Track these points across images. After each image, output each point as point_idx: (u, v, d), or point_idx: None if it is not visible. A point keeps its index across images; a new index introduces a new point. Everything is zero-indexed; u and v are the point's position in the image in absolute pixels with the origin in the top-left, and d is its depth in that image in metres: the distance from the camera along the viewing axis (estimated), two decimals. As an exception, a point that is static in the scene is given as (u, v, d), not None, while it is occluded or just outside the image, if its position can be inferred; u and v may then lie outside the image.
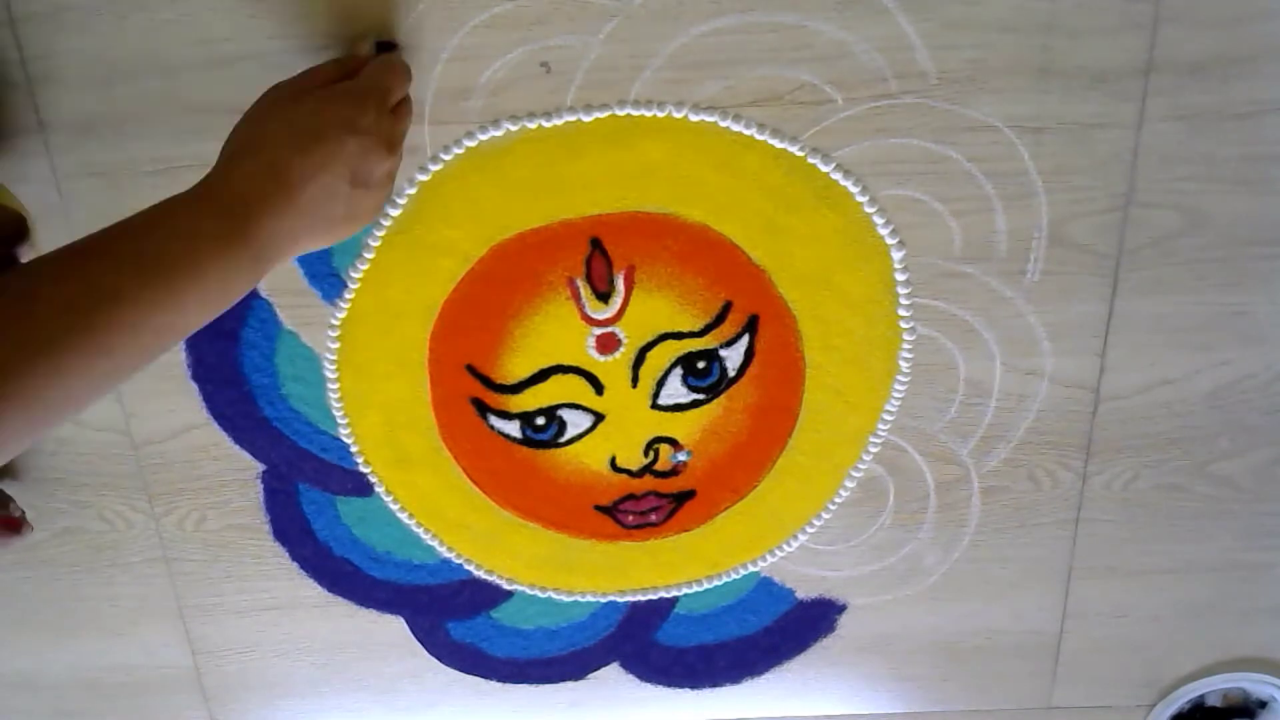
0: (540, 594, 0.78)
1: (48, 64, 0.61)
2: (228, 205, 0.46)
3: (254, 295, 0.67)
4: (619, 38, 0.59)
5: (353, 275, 0.66)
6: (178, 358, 0.69)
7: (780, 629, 0.79)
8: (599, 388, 0.69)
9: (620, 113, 0.61)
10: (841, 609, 0.78)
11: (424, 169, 0.63)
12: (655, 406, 0.70)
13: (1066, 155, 0.62)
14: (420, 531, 0.75)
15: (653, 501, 0.73)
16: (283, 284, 0.67)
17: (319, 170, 0.48)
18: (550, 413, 0.70)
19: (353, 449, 0.72)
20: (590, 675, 0.82)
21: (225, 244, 0.45)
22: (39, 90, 0.61)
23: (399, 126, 0.55)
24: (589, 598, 0.78)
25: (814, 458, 0.72)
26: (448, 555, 0.76)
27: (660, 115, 0.61)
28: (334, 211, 0.50)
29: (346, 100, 0.51)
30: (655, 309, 0.67)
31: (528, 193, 0.64)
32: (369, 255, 0.65)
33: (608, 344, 0.68)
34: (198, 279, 0.43)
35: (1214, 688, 0.81)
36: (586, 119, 0.62)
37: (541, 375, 0.69)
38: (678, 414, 0.70)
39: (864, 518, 0.74)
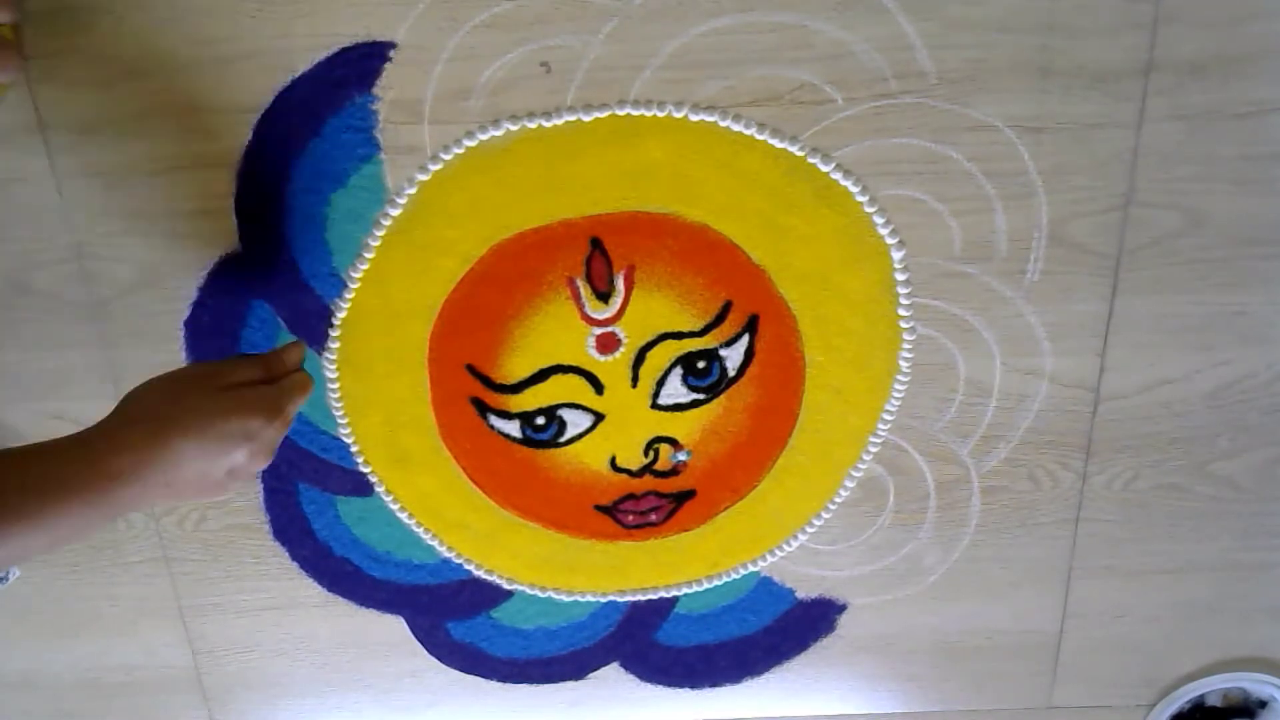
0: (540, 594, 0.78)
1: (48, 64, 0.61)
2: (101, 466, 0.49)
3: (253, 295, 0.67)
4: (619, 38, 0.59)
5: (353, 275, 0.66)
6: (178, 358, 0.69)
7: (780, 629, 0.79)
8: (599, 387, 0.69)
9: (620, 113, 0.61)
10: (841, 609, 0.78)
11: (424, 169, 0.63)
12: (655, 406, 0.70)
13: (1066, 155, 0.62)
14: (420, 531, 0.75)
15: (653, 501, 0.73)
16: (283, 284, 0.67)
17: (204, 459, 0.52)
18: (550, 412, 0.70)
19: (353, 449, 0.72)
20: (590, 675, 0.82)
21: (82, 501, 0.48)
22: (39, 90, 0.61)
23: (283, 435, 0.57)
24: (589, 598, 0.78)
25: (814, 458, 0.72)
26: (448, 555, 0.76)
27: (660, 115, 0.61)
28: (196, 489, 0.53)
29: (258, 411, 0.54)
30: (655, 309, 0.67)
31: (528, 193, 0.64)
32: (369, 255, 0.65)
33: (608, 344, 0.68)
34: (43, 526, 0.47)
35: (1214, 688, 0.81)
36: (586, 119, 0.62)
37: (541, 375, 0.69)
38: (678, 414, 0.70)
39: (864, 518, 0.74)
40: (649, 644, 0.80)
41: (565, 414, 0.70)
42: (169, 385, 0.54)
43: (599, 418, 0.70)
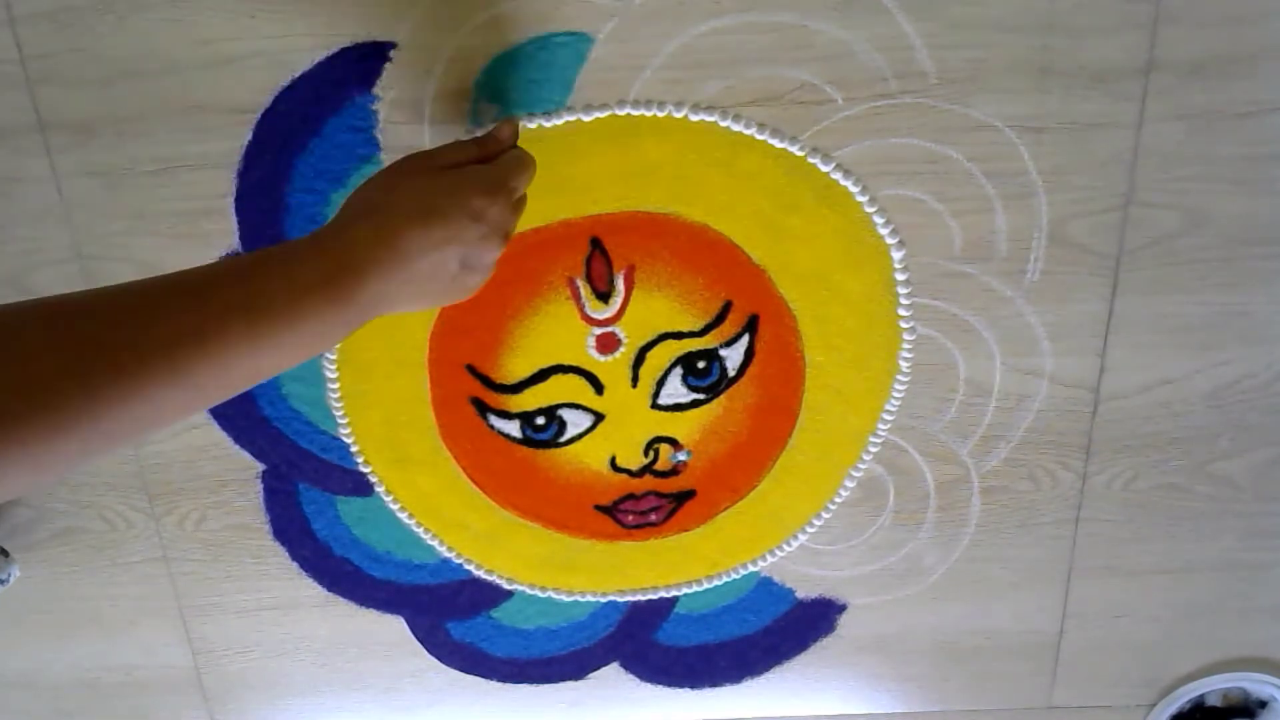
0: (540, 594, 0.78)
1: (48, 64, 0.61)
2: (339, 264, 0.46)
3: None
4: (619, 38, 0.59)
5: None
6: (178, 358, 0.69)
7: (780, 629, 0.79)
8: (599, 387, 0.69)
9: (620, 113, 0.61)
10: (841, 609, 0.78)
11: (424, 169, 0.63)
12: (655, 406, 0.70)
13: (1066, 155, 0.62)
14: (420, 531, 0.75)
15: (653, 501, 0.73)
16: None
17: (435, 249, 0.49)
18: (550, 412, 0.70)
19: (353, 449, 0.72)
20: (590, 675, 0.82)
21: (328, 301, 0.45)
22: (39, 90, 0.61)
23: (515, 220, 0.55)
24: (589, 598, 0.78)
25: (814, 458, 0.72)
26: (448, 555, 0.76)
27: (660, 115, 0.61)
28: (435, 287, 0.51)
29: (481, 188, 0.52)
30: (655, 309, 0.67)
31: (528, 193, 0.63)
32: (369, 255, 0.65)
33: (608, 344, 0.68)
34: (295, 329, 0.44)
35: (1214, 688, 0.81)
36: (586, 119, 0.62)
37: (541, 375, 0.69)
38: (678, 414, 0.70)
39: (864, 518, 0.74)
40: (649, 644, 0.80)
41: (565, 414, 0.70)
42: (384, 178, 0.52)
43: (599, 418, 0.70)
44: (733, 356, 0.68)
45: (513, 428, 0.71)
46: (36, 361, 0.37)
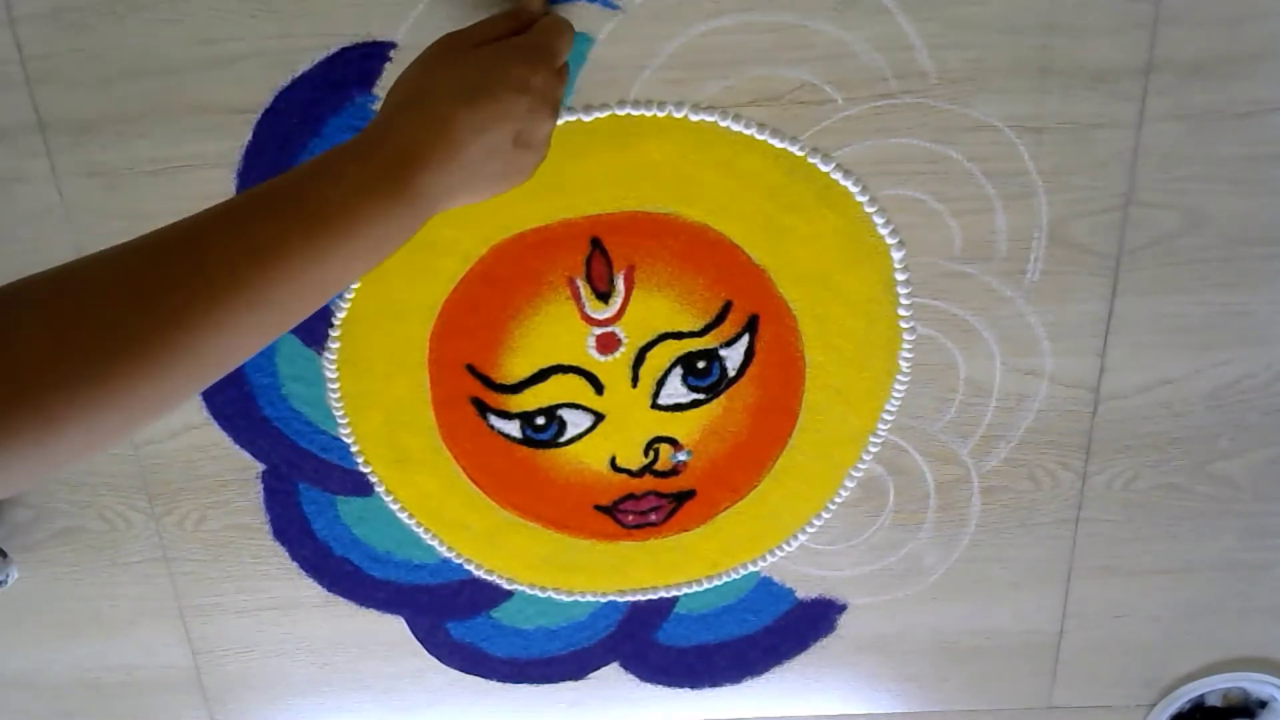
0: (540, 594, 0.78)
1: (48, 64, 0.61)
2: (391, 157, 0.45)
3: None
4: (619, 38, 0.59)
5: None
6: (178, 358, 0.69)
7: (780, 629, 0.79)
8: (599, 387, 0.69)
9: (620, 113, 0.61)
10: (841, 609, 0.78)
11: (424, 169, 0.63)
12: (655, 406, 0.70)
13: (1066, 155, 0.62)
14: (420, 531, 0.75)
15: (653, 501, 0.73)
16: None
17: (486, 127, 0.48)
18: (550, 412, 0.70)
19: (353, 449, 0.72)
20: (590, 675, 0.82)
21: (386, 197, 0.44)
22: (39, 90, 0.61)
23: (561, 87, 0.54)
24: (589, 598, 0.78)
25: (814, 458, 0.72)
26: (448, 555, 0.76)
27: (660, 115, 0.61)
28: (493, 169, 0.49)
29: (521, 58, 0.50)
30: (655, 309, 0.67)
31: (528, 193, 0.63)
32: (369, 255, 0.65)
33: (608, 344, 0.68)
34: (357, 232, 0.43)
35: (1214, 688, 0.81)
36: (586, 119, 0.62)
37: (541, 375, 0.69)
38: (678, 414, 0.70)
39: (864, 518, 0.74)
40: (649, 644, 0.80)
41: (565, 414, 0.70)
42: (420, 65, 0.50)
43: (599, 418, 0.70)
44: (733, 356, 0.68)
45: (513, 428, 0.71)
46: (104, 305, 0.37)
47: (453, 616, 0.79)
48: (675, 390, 0.69)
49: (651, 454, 0.71)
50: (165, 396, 0.38)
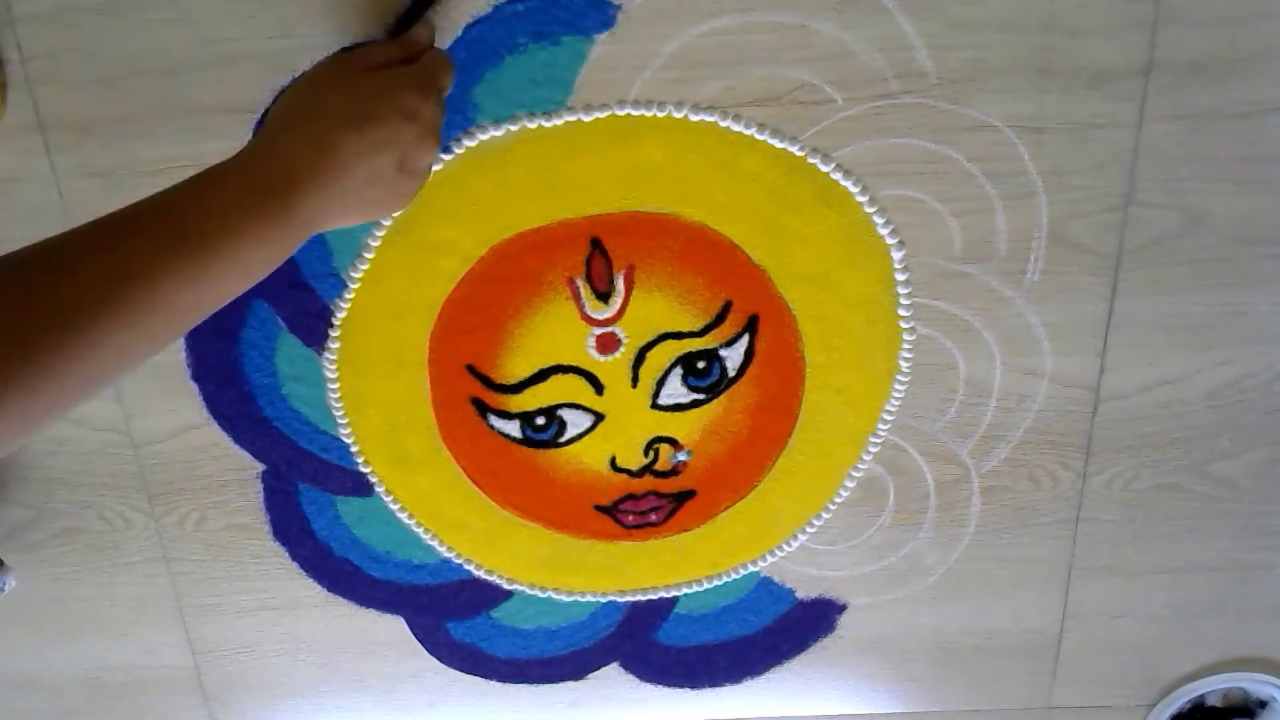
0: (540, 594, 0.78)
1: (48, 64, 0.61)
2: (271, 178, 0.44)
3: (253, 295, 0.67)
4: (619, 38, 0.59)
5: (352, 275, 0.66)
6: (178, 358, 0.69)
7: (780, 629, 0.79)
8: (599, 387, 0.69)
9: (620, 113, 0.61)
10: (841, 609, 0.78)
11: (424, 169, 0.63)
12: (655, 406, 0.70)
13: (1066, 155, 0.62)
14: (420, 531, 0.75)
15: (653, 501, 0.73)
16: (283, 284, 0.67)
17: (371, 153, 0.48)
18: (550, 412, 0.70)
19: (353, 449, 0.72)
20: (590, 675, 0.82)
21: (265, 218, 0.43)
22: (39, 90, 0.61)
23: (442, 120, 0.54)
24: (589, 598, 0.78)
25: (814, 458, 0.72)
26: (448, 555, 0.76)
27: (660, 115, 0.61)
28: (374, 194, 0.49)
29: (411, 86, 0.50)
30: (655, 309, 0.67)
31: (528, 193, 0.64)
32: (369, 255, 0.65)
33: (608, 344, 0.68)
34: (235, 253, 0.42)
35: (1214, 688, 0.81)
36: (586, 119, 0.62)
37: (541, 375, 0.69)
38: (678, 414, 0.70)
39: (864, 518, 0.74)
40: (649, 644, 0.80)
41: (565, 414, 0.70)
42: (310, 84, 0.50)
43: (599, 418, 0.70)
44: (733, 356, 0.68)
45: (513, 428, 0.71)
46: None
47: (453, 616, 0.79)
48: (675, 390, 0.69)
49: (651, 454, 0.71)
50: (34, 418, 0.37)
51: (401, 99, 0.49)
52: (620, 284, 0.66)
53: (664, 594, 0.78)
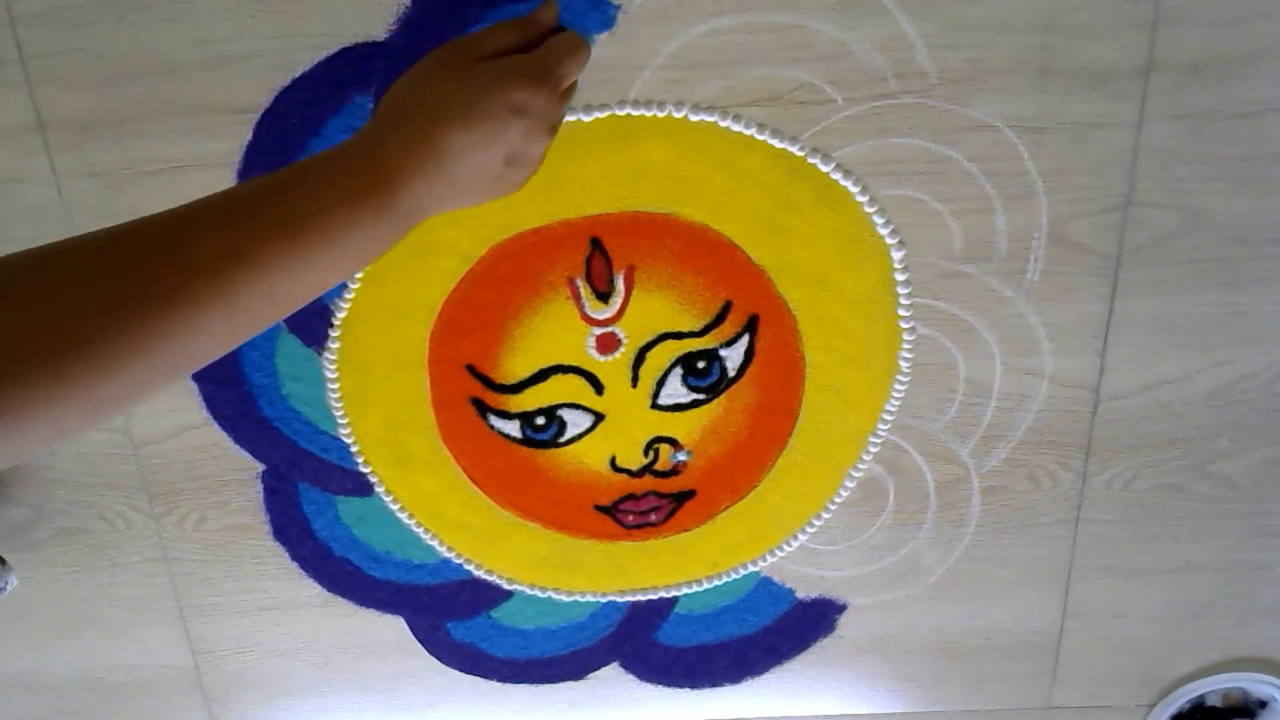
0: (540, 594, 0.78)
1: (48, 64, 0.61)
2: (379, 169, 0.44)
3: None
4: (619, 38, 0.59)
5: (353, 275, 0.66)
6: (178, 358, 0.69)
7: (780, 629, 0.79)
8: (599, 388, 0.69)
9: (620, 113, 0.61)
10: (841, 609, 0.78)
11: (424, 169, 0.63)
12: (655, 406, 0.70)
13: (1066, 155, 0.62)
14: (420, 531, 0.75)
15: (653, 501, 0.73)
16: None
17: (478, 147, 0.47)
18: (550, 412, 0.70)
19: (353, 449, 0.72)
20: (590, 675, 0.82)
21: (371, 210, 0.43)
22: (39, 90, 0.61)
23: (564, 108, 0.53)
24: (589, 598, 0.78)
25: (814, 458, 0.72)
26: (448, 555, 0.76)
27: (660, 115, 0.61)
28: (480, 184, 0.49)
29: (522, 80, 0.49)
30: (655, 309, 0.67)
31: (527, 193, 0.63)
32: (369, 255, 0.65)
33: (608, 344, 0.68)
34: (336, 244, 0.42)
35: (1214, 688, 0.81)
36: (586, 119, 0.62)
37: (541, 375, 0.69)
38: (678, 414, 0.70)
39: (864, 518, 0.74)
40: (649, 644, 0.80)
41: (565, 414, 0.70)
42: (422, 73, 0.49)
43: (599, 418, 0.70)
44: (733, 357, 0.68)
45: (513, 428, 0.71)
46: (75, 298, 0.36)
47: (453, 616, 0.79)
48: (675, 390, 0.69)
49: (651, 454, 0.71)
50: (128, 395, 0.37)
51: (510, 93, 0.48)
52: (620, 284, 0.66)
53: (664, 594, 0.78)
